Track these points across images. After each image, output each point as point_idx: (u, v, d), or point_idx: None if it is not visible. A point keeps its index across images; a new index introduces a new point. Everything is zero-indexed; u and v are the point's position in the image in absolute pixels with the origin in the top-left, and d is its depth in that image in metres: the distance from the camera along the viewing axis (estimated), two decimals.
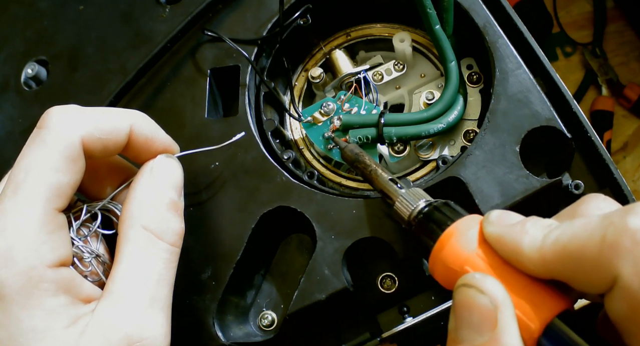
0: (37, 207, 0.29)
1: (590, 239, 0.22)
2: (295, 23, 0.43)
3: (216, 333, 0.37)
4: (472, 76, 0.42)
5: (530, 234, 0.24)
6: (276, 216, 0.39)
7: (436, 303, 0.38)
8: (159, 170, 0.33)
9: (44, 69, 0.49)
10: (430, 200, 0.31)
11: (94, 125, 0.31)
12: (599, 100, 0.91)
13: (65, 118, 0.31)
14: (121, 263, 0.30)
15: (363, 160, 0.35)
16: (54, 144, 0.30)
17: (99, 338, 0.28)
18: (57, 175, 0.30)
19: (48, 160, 0.30)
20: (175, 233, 0.32)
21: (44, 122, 0.31)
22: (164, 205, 0.32)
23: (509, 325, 0.23)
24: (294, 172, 0.40)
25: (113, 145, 0.32)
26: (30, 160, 0.30)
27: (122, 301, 0.29)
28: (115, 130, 0.32)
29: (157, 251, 0.31)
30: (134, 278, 0.30)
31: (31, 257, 0.28)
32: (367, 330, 0.39)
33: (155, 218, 0.31)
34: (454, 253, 0.26)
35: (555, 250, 0.23)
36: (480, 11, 0.40)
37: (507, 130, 0.37)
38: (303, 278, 0.36)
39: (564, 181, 0.37)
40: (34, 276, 0.28)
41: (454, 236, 0.26)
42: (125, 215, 0.31)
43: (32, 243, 0.28)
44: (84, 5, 0.50)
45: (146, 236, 0.31)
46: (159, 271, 0.30)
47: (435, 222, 0.28)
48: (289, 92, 0.46)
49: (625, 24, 0.93)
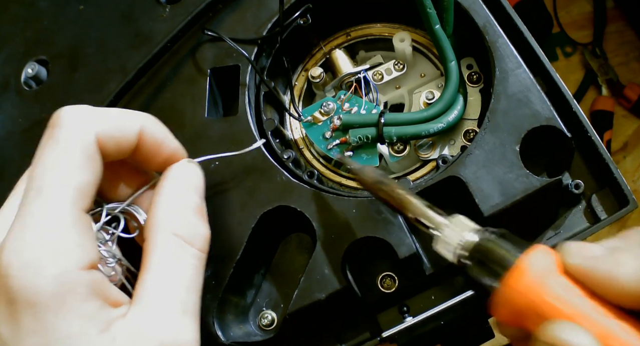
0: (64, 208, 0.28)
1: None
2: (295, 23, 0.43)
3: (216, 332, 0.37)
4: (472, 76, 0.42)
5: (627, 264, 0.23)
6: (276, 215, 0.39)
7: (436, 302, 0.38)
8: (184, 175, 0.33)
9: (44, 68, 0.49)
10: (481, 228, 0.28)
11: (106, 123, 0.31)
12: (599, 100, 0.91)
13: (79, 116, 0.30)
14: (151, 269, 0.30)
15: (389, 182, 0.32)
16: (72, 142, 0.29)
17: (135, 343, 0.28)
18: (80, 174, 0.29)
19: (68, 158, 0.29)
20: (203, 238, 0.32)
21: (57, 121, 0.30)
22: (191, 210, 0.32)
23: None
24: (294, 172, 0.40)
25: (125, 145, 0.32)
26: (49, 160, 0.29)
27: (155, 308, 0.29)
28: (127, 130, 0.32)
29: (187, 257, 0.31)
30: (166, 285, 0.30)
31: (62, 260, 0.27)
32: (367, 329, 0.39)
33: (184, 224, 0.31)
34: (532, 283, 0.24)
35: None
36: (480, 11, 0.40)
37: (507, 129, 0.37)
38: (303, 278, 0.36)
39: (564, 180, 0.37)
40: (67, 280, 0.27)
41: (531, 264, 0.24)
42: (152, 221, 0.31)
43: (62, 246, 0.28)
44: (84, 5, 0.50)
45: (176, 242, 0.31)
46: (190, 278, 0.30)
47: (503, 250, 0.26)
48: (289, 92, 0.46)
49: (625, 24, 0.93)
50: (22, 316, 0.27)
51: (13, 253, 0.27)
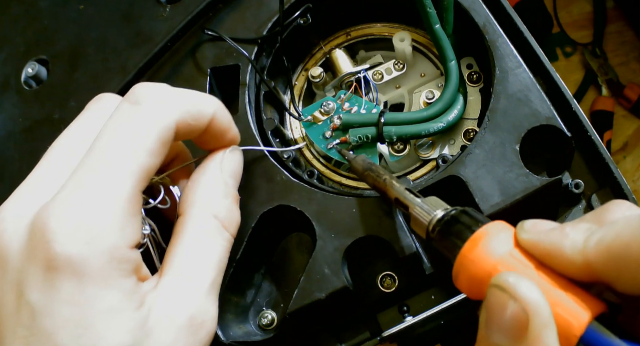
0: (128, 187, 0.28)
1: (635, 236, 0.22)
2: (295, 22, 0.43)
3: (216, 331, 0.37)
4: (472, 75, 0.42)
5: (571, 237, 0.24)
6: (276, 215, 0.39)
7: (436, 302, 0.38)
8: (230, 162, 0.34)
9: (44, 68, 0.49)
10: (450, 207, 0.30)
11: (185, 108, 0.31)
12: (599, 100, 0.91)
13: (162, 98, 0.30)
14: (186, 244, 0.31)
15: (376, 169, 0.35)
16: (152, 126, 0.29)
17: (166, 318, 0.29)
18: (150, 159, 0.29)
19: (144, 141, 0.29)
20: (236, 224, 0.33)
21: (139, 98, 0.30)
22: (232, 196, 0.33)
23: (542, 334, 0.22)
24: (294, 171, 0.40)
25: (196, 131, 0.32)
26: (125, 138, 0.29)
27: (188, 283, 0.30)
28: (202, 117, 0.32)
29: (222, 240, 0.32)
30: (200, 262, 0.31)
31: (116, 236, 0.27)
32: (366, 329, 0.39)
33: (224, 209, 0.32)
34: (486, 253, 0.25)
35: (599, 250, 0.23)
36: (480, 10, 0.40)
37: (507, 129, 0.37)
38: (303, 277, 0.36)
39: (564, 180, 0.37)
40: (116, 256, 0.27)
41: (486, 237, 0.25)
42: (193, 199, 0.32)
43: (119, 223, 0.28)
44: (84, 5, 0.50)
45: (215, 224, 0.32)
46: (221, 259, 0.32)
47: (464, 224, 0.27)
48: (289, 91, 0.46)
49: (625, 24, 0.93)
50: (62, 284, 0.26)
51: (66, 220, 0.27)
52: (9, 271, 0.28)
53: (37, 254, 0.27)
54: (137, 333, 0.27)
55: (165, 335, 0.28)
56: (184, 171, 0.35)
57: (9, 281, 0.28)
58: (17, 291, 0.27)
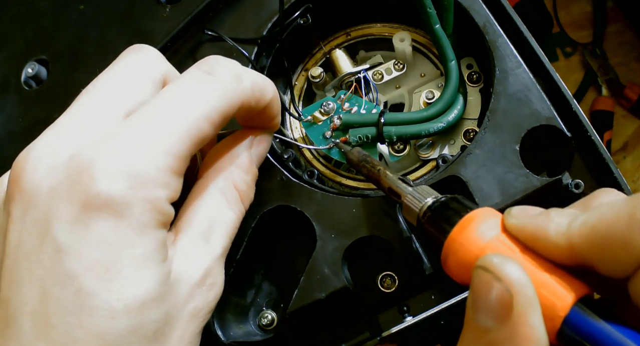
0: (183, 147, 0.28)
1: (618, 218, 0.22)
2: (295, 22, 0.43)
3: (216, 332, 0.37)
4: (472, 75, 0.42)
5: (556, 221, 0.24)
6: (276, 215, 0.39)
7: (436, 302, 0.38)
8: (260, 143, 0.35)
9: (44, 68, 0.49)
10: (440, 195, 0.30)
11: (253, 91, 0.31)
12: (599, 100, 0.91)
13: (236, 76, 0.30)
14: (206, 207, 0.31)
15: (371, 160, 0.35)
16: (220, 98, 0.29)
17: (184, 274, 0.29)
18: (209, 128, 0.29)
19: (210, 109, 0.29)
20: (250, 202, 0.34)
21: (214, 69, 0.30)
22: (252, 174, 0.34)
23: (527, 314, 0.22)
24: (294, 171, 0.40)
25: (253, 113, 0.33)
26: (193, 100, 0.29)
27: (205, 244, 0.30)
28: (263, 100, 0.32)
29: (238, 211, 0.32)
30: (217, 227, 0.31)
31: (162, 188, 0.27)
32: (367, 329, 0.39)
33: (245, 183, 0.33)
34: (474, 237, 0.25)
35: (583, 232, 0.23)
36: (480, 10, 0.40)
37: (507, 129, 0.37)
38: (303, 277, 0.36)
39: (564, 180, 0.37)
40: (157, 206, 0.27)
41: (475, 221, 0.26)
42: (219, 165, 0.32)
43: (166, 177, 0.27)
44: (84, 5, 0.50)
45: (235, 195, 0.32)
46: (235, 228, 0.32)
47: (453, 209, 0.28)
48: (289, 92, 0.46)
49: (625, 24, 0.93)
50: (98, 224, 0.26)
51: (117, 159, 0.26)
52: (36, 208, 0.27)
53: (75, 190, 0.26)
54: (162, 285, 0.27)
55: (182, 290, 0.29)
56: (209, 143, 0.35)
57: (34, 219, 0.26)
58: (42, 229, 0.26)
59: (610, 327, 0.22)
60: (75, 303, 0.25)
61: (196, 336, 0.30)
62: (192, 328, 0.29)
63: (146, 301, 0.26)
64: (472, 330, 0.23)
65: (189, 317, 0.29)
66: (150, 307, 0.26)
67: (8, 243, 0.27)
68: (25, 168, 0.27)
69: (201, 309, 0.30)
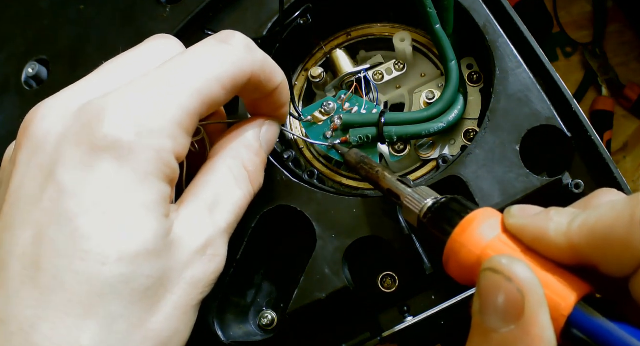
0: (192, 104, 0.28)
1: (619, 218, 0.22)
2: (295, 22, 0.43)
3: (216, 332, 0.37)
4: (472, 75, 0.42)
5: (556, 220, 0.24)
6: (276, 215, 0.39)
7: (436, 302, 0.38)
8: (269, 129, 0.35)
9: (44, 68, 0.49)
10: (440, 196, 0.30)
11: (263, 67, 0.32)
12: (599, 100, 0.91)
13: (248, 47, 0.31)
14: (214, 181, 0.31)
15: (368, 162, 0.35)
16: (234, 63, 0.30)
17: (185, 238, 0.29)
18: (220, 90, 0.30)
19: (220, 72, 0.30)
20: (259, 186, 0.34)
21: (228, 39, 0.31)
22: (262, 160, 0.34)
23: (538, 314, 0.22)
24: (294, 171, 0.40)
25: (261, 93, 0.33)
26: (208, 61, 0.30)
27: (209, 214, 0.30)
28: (272, 80, 0.33)
29: (246, 191, 0.33)
30: (223, 201, 0.31)
31: (169, 140, 0.27)
32: (367, 329, 0.39)
33: (254, 165, 0.33)
34: (475, 237, 0.25)
35: (583, 232, 0.23)
36: (480, 10, 0.40)
37: (507, 129, 0.37)
38: (303, 278, 0.36)
39: (564, 180, 0.37)
40: (163, 156, 0.27)
41: (475, 222, 0.26)
42: (228, 146, 0.33)
43: (174, 130, 0.28)
44: (84, 5, 0.50)
45: (244, 175, 0.33)
46: (242, 207, 0.32)
47: (453, 211, 0.28)
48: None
49: (625, 24, 0.93)
50: (102, 166, 0.26)
51: (125, 104, 0.27)
52: (42, 153, 0.27)
53: (83, 134, 0.26)
54: (159, 241, 0.27)
55: (181, 254, 0.28)
56: (216, 132, 0.36)
57: (38, 163, 0.26)
58: (46, 172, 0.26)
59: (614, 325, 0.22)
60: (68, 245, 0.25)
61: (192, 308, 0.29)
62: (189, 298, 0.28)
63: (140, 252, 0.26)
64: (480, 332, 0.23)
65: (186, 285, 0.28)
66: (144, 260, 0.26)
67: (9, 187, 0.27)
68: (35, 118, 0.28)
69: (200, 279, 0.29)
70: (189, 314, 0.29)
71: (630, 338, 0.21)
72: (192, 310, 0.29)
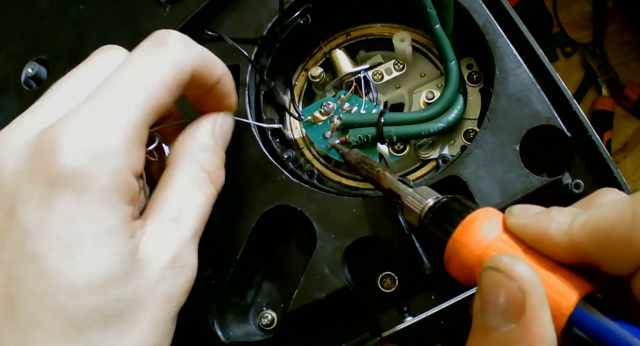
0: (140, 115, 0.28)
1: (620, 217, 0.22)
2: (295, 22, 0.43)
3: (216, 332, 0.37)
4: (472, 75, 0.42)
5: (557, 219, 0.24)
6: (276, 215, 0.39)
7: (436, 302, 0.38)
8: (223, 124, 0.35)
9: (44, 68, 0.49)
10: (441, 196, 0.31)
11: (202, 60, 0.32)
12: (599, 100, 0.91)
13: (184, 43, 0.31)
14: (175, 191, 0.31)
15: (369, 161, 0.35)
16: (173, 63, 0.30)
17: (152, 255, 0.29)
18: (165, 94, 0.30)
19: (163, 76, 0.30)
20: (221, 183, 0.34)
21: (163, 39, 0.31)
22: (219, 156, 0.34)
23: (539, 312, 0.22)
24: (294, 171, 0.40)
25: (205, 86, 0.33)
26: (145, 68, 0.30)
27: (174, 226, 0.30)
28: (214, 72, 0.33)
29: (208, 192, 0.32)
30: (187, 209, 0.31)
31: (123, 159, 0.27)
32: (367, 329, 0.39)
33: (213, 164, 0.33)
34: (477, 237, 0.25)
35: (584, 231, 0.23)
36: (480, 10, 0.40)
37: (507, 129, 0.37)
38: (303, 277, 0.36)
39: (564, 180, 0.37)
40: (120, 178, 0.27)
41: (477, 221, 0.26)
42: (184, 150, 0.33)
43: (126, 147, 0.28)
44: (84, 5, 0.50)
45: (203, 176, 0.32)
46: (206, 211, 0.32)
47: (455, 210, 0.28)
48: (289, 92, 0.46)
49: (625, 24, 0.93)
50: (61, 201, 0.26)
51: (74, 134, 0.27)
52: (1, 191, 0.27)
53: (39, 169, 0.26)
54: (126, 264, 0.27)
55: (149, 272, 0.28)
56: (173, 133, 0.36)
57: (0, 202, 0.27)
58: (7, 211, 0.26)
59: (615, 324, 0.22)
60: (39, 283, 0.25)
61: (169, 321, 0.29)
62: (164, 313, 0.29)
63: (108, 279, 0.26)
64: (481, 330, 0.23)
65: (160, 301, 0.28)
66: (114, 286, 0.26)
67: None
68: None
69: (173, 293, 0.29)
70: (167, 326, 0.29)
71: (632, 338, 0.21)
72: (170, 322, 0.30)
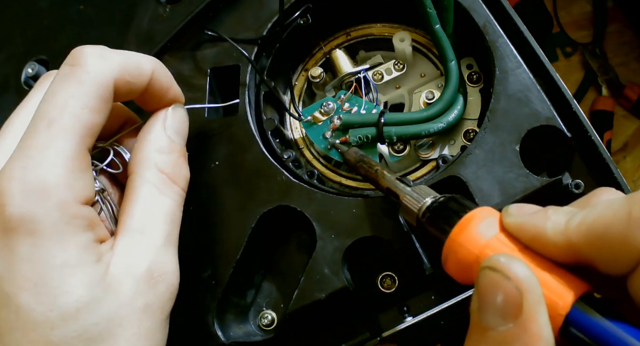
0: (72, 144, 0.29)
1: (616, 217, 0.22)
2: (295, 23, 0.43)
3: (216, 332, 0.37)
4: (472, 75, 0.42)
5: (553, 219, 0.24)
6: (276, 215, 0.39)
7: (436, 302, 0.38)
8: (173, 119, 0.35)
9: (44, 68, 0.49)
10: (439, 195, 0.31)
11: (124, 67, 0.32)
12: (599, 100, 0.91)
13: (100, 57, 0.31)
14: (138, 201, 0.31)
15: (368, 160, 0.36)
16: (90, 83, 0.30)
17: (124, 273, 0.29)
18: (92, 115, 0.30)
19: (84, 99, 0.30)
20: (185, 178, 0.34)
21: (77, 59, 0.31)
22: (177, 151, 0.34)
23: (536, 312, 0.22)
24: (294, 172, 0.40)
25: (137, 89, 0.33)
26: (65, 97, 0.30)
27: (142, 238, 0.30)
28: (141, 75, 0.33)
29: (171, 193, 0.32)
30: (152, 217, 0.31)
31: (65, 192, 0.28)
32: (367, 329, 0.39)
33: (171, 164, 0.33)
34: (474, 237, 0.26)
35: (581, 230, 0.23)
36: (480, 10, 0.40)
37: (507, 129, 0.37)
38: (303, 278, 0.36)
39: (564, 180, 0.37)
40: (67, 211, 0.28)
41: (474, 221, 0.26)
42: (140, 156, 0.32)
43: (66, 179, 0.28)
44: (84, 5, 0.50)
45: (163, 178, 0.32)
46: (173, 212, 0.32)
47: (452, 210, 0.28)
48: (289, 92, 0.46)
49: (625, 24, 0.93)
50: (18, 245, 0.27)
51: (14, 181, 0.27)
52: None
53: None
54: (95, 288, 0.28)
55: (124, 288, 0.29)
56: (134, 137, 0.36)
57: None
58: None
59: (612, 324, 0.22)
60: (18, 320, 0.27)
61: (156, 329, 0.30)
62: (148, 324, 0.29)
63: (80, 306, 0.27)
64: (479, 330, 0.23)
65: (140, 314, 0.29)
66: (87, 311, 0.27)
67: None
68: None
69: (153, 304, 0.30)
70: (155, 334, 0.30)
71: (628, 337, 0.21)
72: (156, 330, 0.30)
